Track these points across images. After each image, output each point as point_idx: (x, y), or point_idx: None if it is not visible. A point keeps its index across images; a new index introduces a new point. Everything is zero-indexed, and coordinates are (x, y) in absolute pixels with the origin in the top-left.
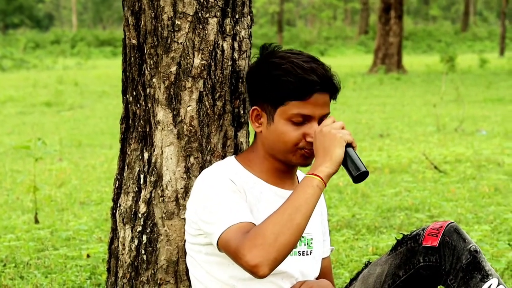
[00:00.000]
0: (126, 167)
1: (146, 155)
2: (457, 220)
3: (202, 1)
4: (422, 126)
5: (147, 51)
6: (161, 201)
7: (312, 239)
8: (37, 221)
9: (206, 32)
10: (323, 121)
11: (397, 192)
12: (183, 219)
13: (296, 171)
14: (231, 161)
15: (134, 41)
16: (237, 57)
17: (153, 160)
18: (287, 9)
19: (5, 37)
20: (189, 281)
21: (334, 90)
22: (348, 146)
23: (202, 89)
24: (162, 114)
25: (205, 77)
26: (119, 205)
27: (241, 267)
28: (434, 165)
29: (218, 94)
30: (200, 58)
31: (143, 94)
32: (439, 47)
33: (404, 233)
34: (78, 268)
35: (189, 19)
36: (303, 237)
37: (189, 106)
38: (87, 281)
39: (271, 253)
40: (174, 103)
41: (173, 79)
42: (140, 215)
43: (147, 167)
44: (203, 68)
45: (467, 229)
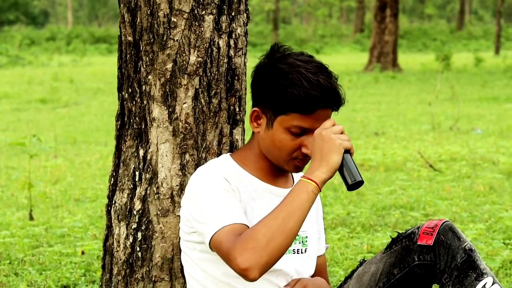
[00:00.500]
0: (121, 164)
1: (141, 152)
2: (452, 218)
3: None
4: (417, 124)
5: (143, 48)
6: (156, 198)
7: (307, 237)
8: (31, 218)
9: (202, 29)
10: (323, 123)
11: (392, 190)
12: (178, 216)
13: None
14: (226, 159)
15: (130, 38)
16: (233, 54)
17: (149, 157)
18: (283, 7)
19: (0, 33)
20: (183, 278)
21: (338, 105)
22: (345, 152)
23: (197, 87)
24: (157, 111)
25: (201, 74)
26: (114, 202)
27: (232, 269)
28: (429, 163)
29: (213, 91)
30: (196, 55)
31: (138, 91)
32: (434, 46)
33: (399, 232)
34: (72, 265)
35: (185, 16)
36: (298, 235)
37: (184, 103)
38: (82, 278)
39: (262, 257)
40: (169, 100)
41: (168, 76)
42: (135, 212)
43: (142, 164)
44: (199, 65)
45: (462, 227)
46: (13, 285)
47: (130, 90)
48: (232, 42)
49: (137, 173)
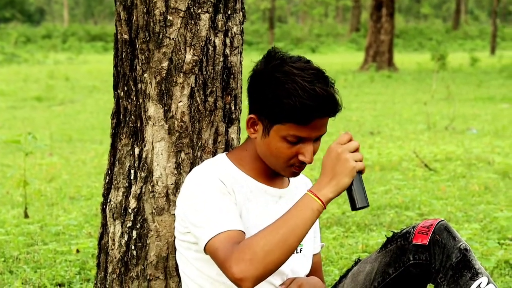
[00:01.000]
0: (116, 162)
1: (136, 151)
2: (447, 218)
3: None
4: (412, 124)
5: (138, 46)
6: (151, 196)
7: None
8: (26, 216)
9: (198, 27)
10: (340, 137)
11: (387, 190)
12: (173, 215)
13: None
14: (222, 159)
15: (126, 36)
16: (228, 53)
17: (144, 155)
18: (279, 6)
19: None
20: (178, 277)
21: (334, 112)
22: (357, 172)
23: (193, 85)
24: (153, 109)
25: (197, 72)
26: (109, 200)
27: (226, 276)
28: (424, 163)
29: (209, 90)
30: (191, 53)
31: (134, 89)
32: (430, 45)
33: (394, 231)
34: (67, 263)
35: (181, 15)
36: None
37: (180, 101)
38: (77, 276)
39: (258, 270)
40: (165, 99)
41: (164, 75)
42: (130, 211)
43: (137, 162)
44: (194, 63)
45: (457, 227)
46: (7, 283)
47: (125, 88)
48: (228, 40)
49: (132, 172)
